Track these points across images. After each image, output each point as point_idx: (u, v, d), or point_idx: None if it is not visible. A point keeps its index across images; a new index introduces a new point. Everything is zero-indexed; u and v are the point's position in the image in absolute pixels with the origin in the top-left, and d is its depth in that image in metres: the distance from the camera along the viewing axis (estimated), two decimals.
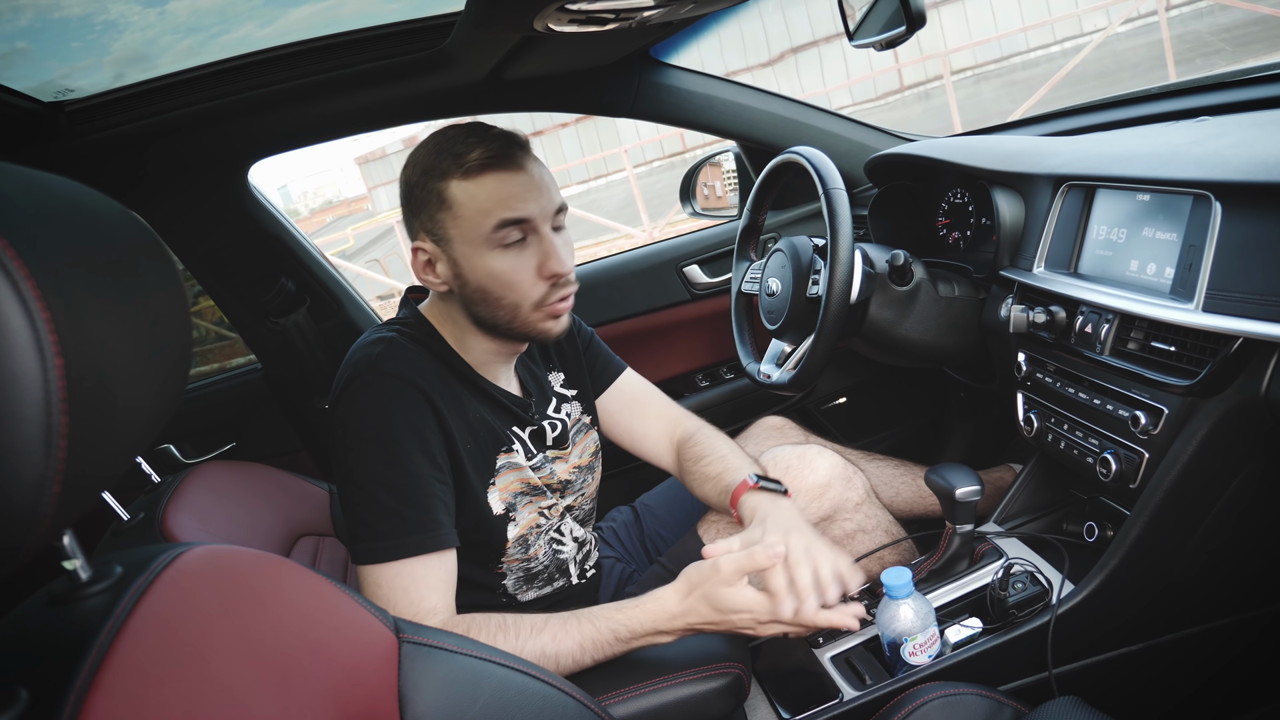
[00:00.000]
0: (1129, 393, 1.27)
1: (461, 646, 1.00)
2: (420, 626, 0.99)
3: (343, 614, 0.91)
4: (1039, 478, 1.56)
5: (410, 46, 1.49)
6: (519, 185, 1.23)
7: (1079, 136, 1.67)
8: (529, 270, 1.25)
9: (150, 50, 11.88)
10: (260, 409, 2.04)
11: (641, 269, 2.20)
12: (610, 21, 1.15)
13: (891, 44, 1.23)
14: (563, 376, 1.54)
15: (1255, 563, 1.26)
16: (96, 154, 1.53)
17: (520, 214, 1.22)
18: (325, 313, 2.00)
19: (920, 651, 1.27)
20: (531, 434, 1.41)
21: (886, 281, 1.65)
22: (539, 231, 1.25)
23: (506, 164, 1.23)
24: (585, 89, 1.88)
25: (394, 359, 1.25)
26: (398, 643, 0.95)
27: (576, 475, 1.48)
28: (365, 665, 0.90)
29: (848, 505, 1.54)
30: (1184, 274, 1.19)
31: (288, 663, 0.78)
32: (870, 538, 1.56)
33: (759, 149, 2.10)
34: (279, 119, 1.66)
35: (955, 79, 16.02)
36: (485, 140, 1.23)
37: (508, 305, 1.26)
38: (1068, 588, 1.30)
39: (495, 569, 1.37)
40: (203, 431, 2.04)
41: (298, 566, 0.91)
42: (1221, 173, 1.14)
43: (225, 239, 1.85)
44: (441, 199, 1.23)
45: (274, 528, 1.56)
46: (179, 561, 0.76)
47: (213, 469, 1.58)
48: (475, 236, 1.23)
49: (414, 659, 0.95)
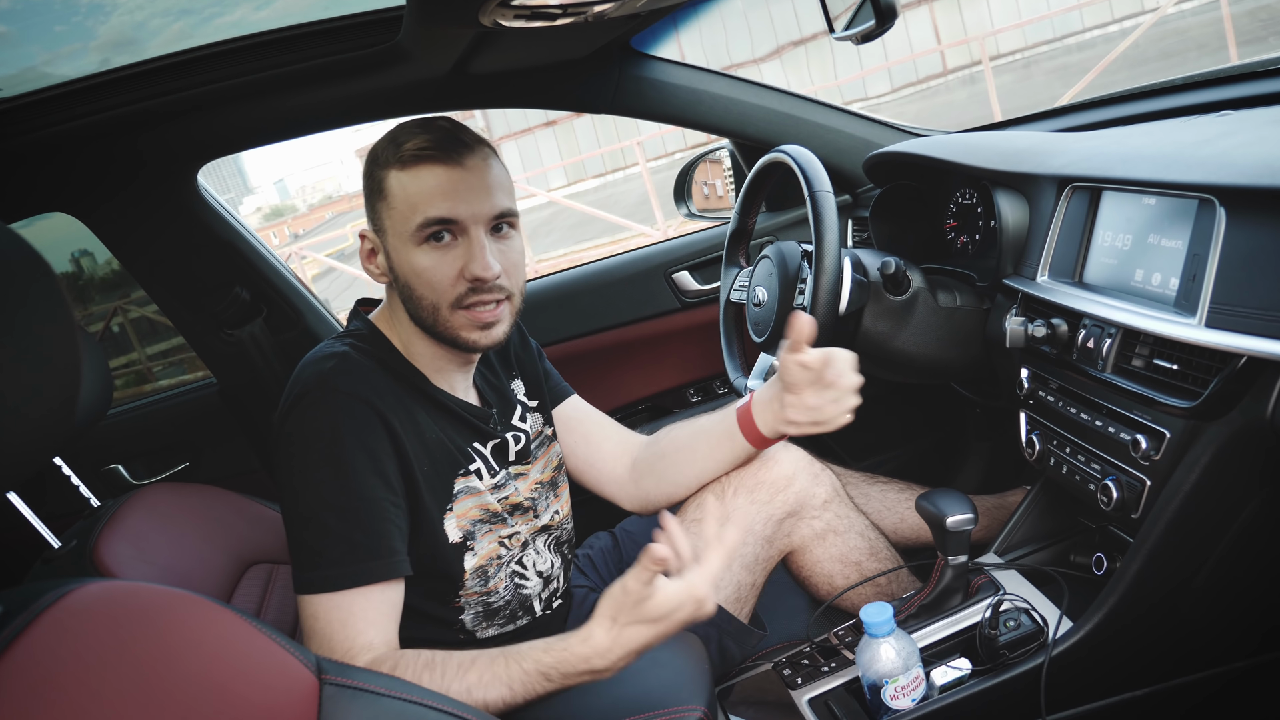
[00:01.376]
0: (1131, 414, 1.26)
1: (389, 689, 1.01)
2: (345, 667, 1.00)
3: (255, 654, 0.92)
4: (1044, 505, 1.55)
5: (362, 41, 1.51)
6: (452, 183, 1.25)
7: (1091, 133, 1.66)
8: (450, 271, 1.26)
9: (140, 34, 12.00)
10: (216, 426, 2.07)
11: (627, 275, 2.20)
12: (560, 16, 1.16)
13: (867, 38, 1.23)
14: (524, 386, 1.55)
15: (1271, 601, 1.24)
16: (29, 156, 1.56)
17: (445, 214, 1.24)
18: (284, 324, 2.02)
19: (902, 695, 1.27)
20: (493, 448, 1.42)
21: (881, 291, 1.64)
22: (469, 233, 1.26)
23: (442, 158, 1.24)
24: (560, 84, 1.89)
25: (346, 374, 1.26)
26: (319, 684, 0.97)
27: (539, 492, 1.48)
28: (279, 709, 0.91)
29: (814, 501, 1.55)
30: (1188, 285, 1.18)
31: (186, 706, 0.79)
32: (844, 540, 1.56)
33: (752, 146, 2.10)
34: (228, 118, 1.68)
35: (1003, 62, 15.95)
36: (427, 132, 1.26)
37: (427, 305, 1.28)
38: (1066, 625, 1.30)
39: (453, 603, 1.38)
40: (154, 451, 2.07)
41: (209, 604, 0.92)
42: (1226, 176, 1.13)
43: (174, 245, 1.87)
44: (381, 189, 1.27)
45: (222, 555, 1.57)
46: (67, 600, 0.78)
47: (157, 492, 1.60)
48: (403, 230, 1.26)
49: (336, 701, 0.96)
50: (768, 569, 1.55)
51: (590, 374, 2.13)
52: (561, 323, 2.18)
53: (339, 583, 1.19)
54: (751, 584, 1.52)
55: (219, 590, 1.52)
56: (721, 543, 1.14)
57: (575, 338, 2.19)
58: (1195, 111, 1.65)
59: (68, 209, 1.78)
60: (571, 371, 1.69)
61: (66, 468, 1.53)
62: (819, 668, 1.42)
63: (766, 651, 1.55)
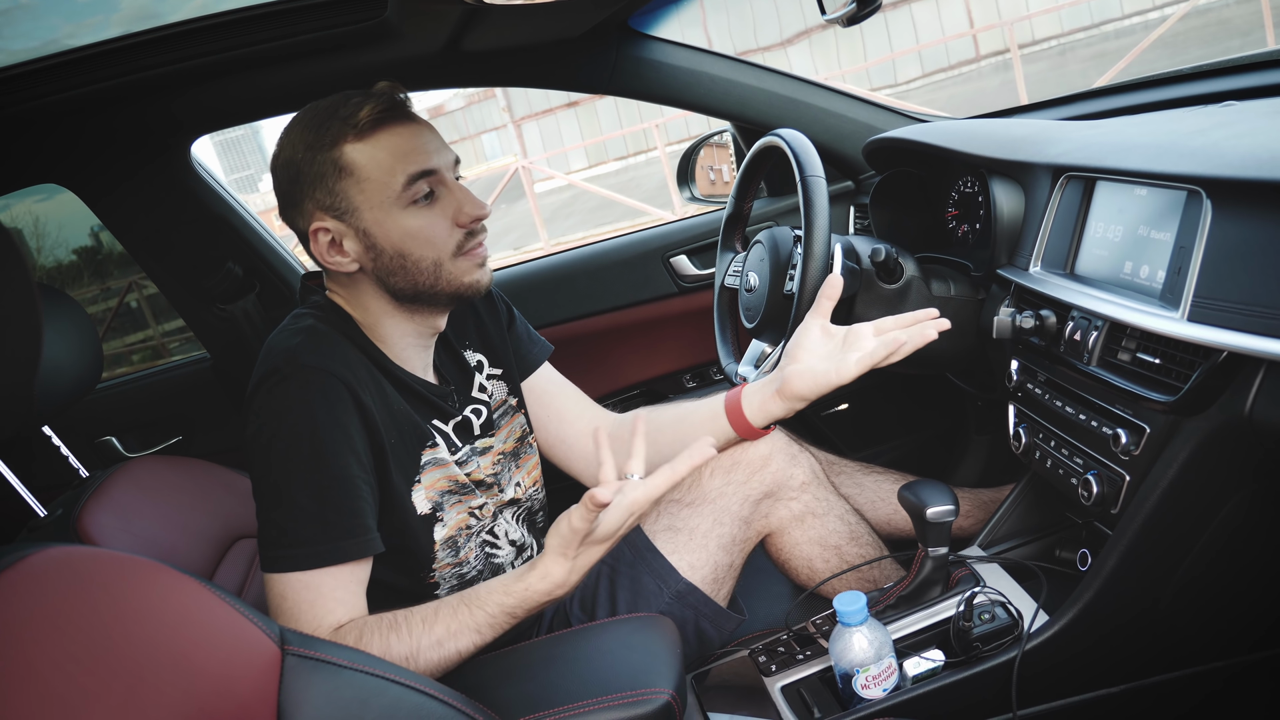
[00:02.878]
0: (1113, 408, 1.26)
1: (352, 661, 1.03)
2: (308, 638, 1.02)
3: (217, 623, 0.94)
4: (1031, 499, 1.55)
5: (351, 16, 1.52)
6: (420, 137, 1.28)
7: (1091, 122, 1.65)
8: (444, 222, 1.30)
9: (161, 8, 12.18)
10: (209, 401, 2.10)
11: (624, 259, 2.22)
12: None
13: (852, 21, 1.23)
14: (485, 358, 1.56)
15: (1249, 602, 1.25)
16: (18, 127, 1.59)
17: (427, 165, 1.27)
18: (276, 300, 2.05)
19: (874, 684, 1.28)
20: (455, 426, 1.44)
21: (873, 279, 1.65)
22: (445, 182, 1.30)
23: (401, 117, 1.28)
24: (555, 62, 1.90)
25: (314, 350, 1.27)
26: (281, 655, 0.99)
27: (501, 464, 1.50)
28: (238, 677, 0.93)
29: (792, 483, 1.56)
30: (1173, 278, 1.18)
31: (138, 673, 0.82)
32: (822, 522, 1.57)
33: (753, 129, 2.10)
34: (220, 92, 1.70)
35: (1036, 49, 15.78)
36: (371, 98, 1.27)
37: (428, 264, 1.30)
38: (1042, 620, 1.30)
39: (427, 578, 1.40)
40: (148, 424, 2.11)
41: (172, 572, 0.95)
42: (1214, 167, 1.13)
43: (166, 219, 1.90)
44: (338, 167, 1.26)
45: (207, 528, 1.61)
46: (24, 564, 0.80)
47: (145, 465, 1.63)
48: (385, 198, 1.27)
49: (297, 672, 0.99)
50: (745, 550, 1.56)
51: (585, 357, 2.15)
52: (557, 305, 2.20)
53: (308, 561, 1.21)
54: (729, 564, 1.53)
55: (202, 563, 1.55)
56: (672, 469, 1.16)
57: (571, 320, 2.20)
58: (1202, 101, 1.64)
59: (61, 181, 1.82)
60: (566, 354, 1.70)
61: (56, 438, 1.56)
62: (794, 655, 1.43)
63: (745, 638, 1.56)
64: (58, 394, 1.40)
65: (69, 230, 11.77)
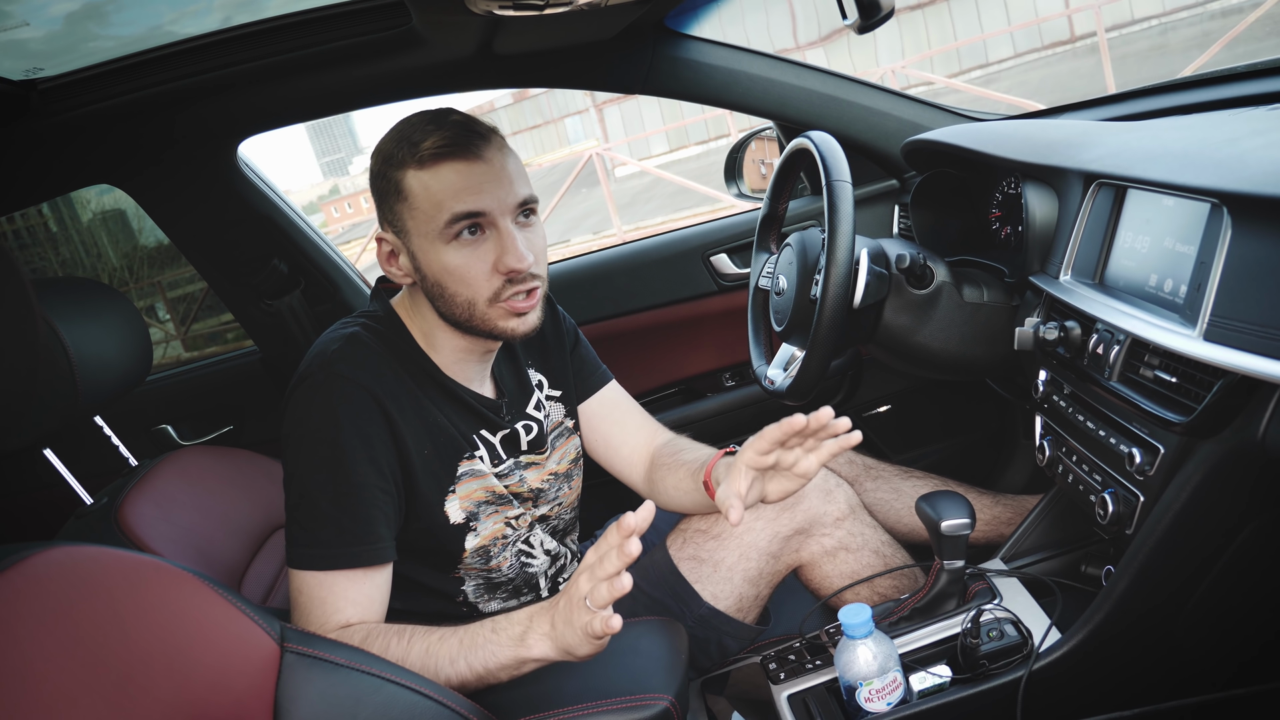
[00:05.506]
0: (1130, 426, 1.23)
1: (350, 660, 1.07)
2: (309, 636, 1.07)
3: (216, 620, 1.00)
4: (1058, 512, 1.52)
5: (375, 25, 1.56)
6: (475, 177, 1.27)
7: (1131, 124, 1.60)
8: (484, 266, 1.29)
9: None
10: (259, 393, 2.19)
11: (664, 257, 2.22)
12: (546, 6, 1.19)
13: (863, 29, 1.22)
14: (546, 379, 1.58)
15: (1266, 630, 1.21)
16: (71, 133, 1.68)
17: (473, 207, 1.27)
18: (320, 296, 2.12)
19: (878, 698, 1.28)
20: (503, 438, 1.46)
21: (903, 284, 1.63)
22: (497, 225, 1.29)
23: (462, 154, 1.27)
24: (590, 63, 1.91)
25: (349, 359, 1.31)
26: (280, 652, 1.04)
27: (551, 483, 1.52)
28: (234, 673, 0.98)
29: (826, 520, 1.55)
30: (1193, 295, 1.14)
31: (130, 669, 0.87)
32: (855, 557, 1.56)
33: (793, 128, 2.09)
34: (265, 96, 1.77)
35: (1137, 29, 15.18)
36: (441, 128, 1.28)
37: (462, 302, 1.31)
38: (1053, 638, 1.28)
39: (452, 574, 1.44)
40: (201, 414, 2.20)
41: (174, 570, 1.00)
42: (1235, 181, 1.09)
43: (214, 218, 1.98)
44: (399, 190, 1.29)
45: (247, 518, 1.67)
46: (25, 564, 0.86)
47: (192, 454, 1.70)
48: (430, 230, 1.28)
49: (295, 669, 1.04)
50: (773, 582, 1.56)
51: (624, 355, 2.16)
52: (597, 303, 2.22)
53: (322, 563, 1.27)
54: (755, 596, 1.54)
55: (239, 553, 1.61)
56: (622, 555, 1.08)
57: (610, 318, 2.22)
58: (1255, 103, 1.57)
59: (115, 182, 1.91)
60: (605, 352, 1.72)
61: (107, 428, 1.64)
62: (804, 665, 1.43)
63: (762, 644, 1.57)
64: (105, 387, 1.47)
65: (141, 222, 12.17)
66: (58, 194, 1.95)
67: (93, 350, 1.42)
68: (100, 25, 1.60)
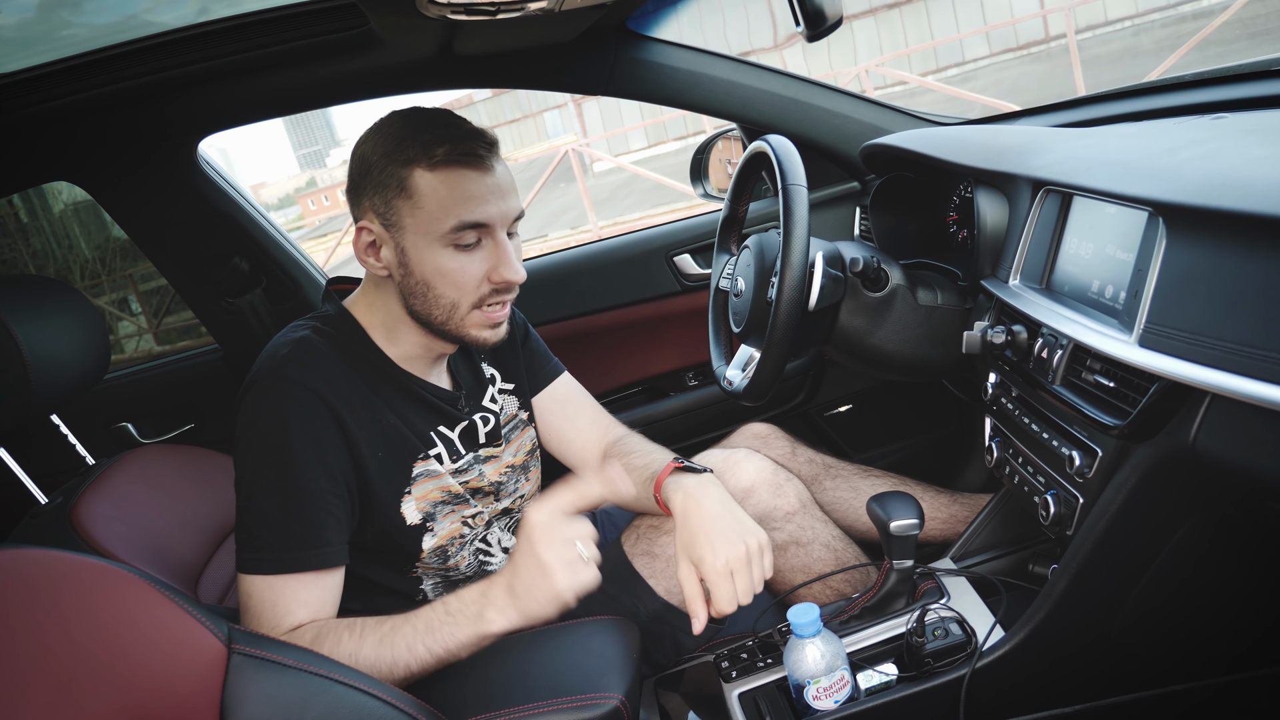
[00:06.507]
0: (1071, 429, 1.26)
1: (298, 660, 1.08)
2: (256, 637, 1.08)
3: (158, 623, 1.00)
4: (1007, 511, 1.55)
5: (333, 25, 1.56)
6: (484, 187, 1.30)
7: (1082, 131, 1.63)
8: (477, 273, 1.32)
9: None
10: (220, 391, 2.18)
11: (628, 257, 2.24)
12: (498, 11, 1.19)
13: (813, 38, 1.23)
14: (499, 372, 1.60)
15: (1203, 629, 1.24)
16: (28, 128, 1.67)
17: (480, 218, 1.30)
18: (282, 294, 2.12)
19: (825, 696, 1.30)
20: (461, 432, 1.47)
21: (859, 286, 1.65)
22: (494, 236, 1.32)
23: (477, 164, 1.30)
24: (552, 65, 1.92)
25: (298, 363, 1.32)
26: (227, 653, 1.04)
27: (509, 476, 1.54)
28: (179, 675, 0.99)
29: (776, 514, 1.57)
30: (1131, 301, 1.17)
31: (69, 673, 0.88)
32: (806, 551, 1.58)
33: (756, 130, 2.11)
34: (226, 94, 1.76)
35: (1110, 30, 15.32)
36: (456, 135, 1.29)
37: (446, 304, 1.33)
38: (997, 637, 1.31)
39: (410, 573, 1.45)
40: (162, 412, 2.19)
41: (119, 573, 1.00)
42: (1169, 191, 1.11)
43: (174, 216, 1.98)
44: (403, 186, 1.29)
45: (205, 517, 1.67)
46: None
47: (150, 453, 1.70)
48: (431, 231, 1.30)
49: (242, 671, 1.04)
50: None
51: (587, 355, 2.17)
52: (560, 302, 2.23)
53: (270, 567, 1.27)
54: None
55: (196, 552, 1.60)
56: None
57: (573, 317, 2.23)
58: (1201, 111, 1.60)
59: (74, 180, 1.90)
60: (568, 351, 1.73)
61: (64, 427, 1.64)
62: (755, 663, 1.45)
63: (718, 642, 1.59)
64: (60, 385, 1.46)
65: None
66: (14, 191, 1.94)
67: (48, 348, 1.42)
68: (74, 13, 1.59)
